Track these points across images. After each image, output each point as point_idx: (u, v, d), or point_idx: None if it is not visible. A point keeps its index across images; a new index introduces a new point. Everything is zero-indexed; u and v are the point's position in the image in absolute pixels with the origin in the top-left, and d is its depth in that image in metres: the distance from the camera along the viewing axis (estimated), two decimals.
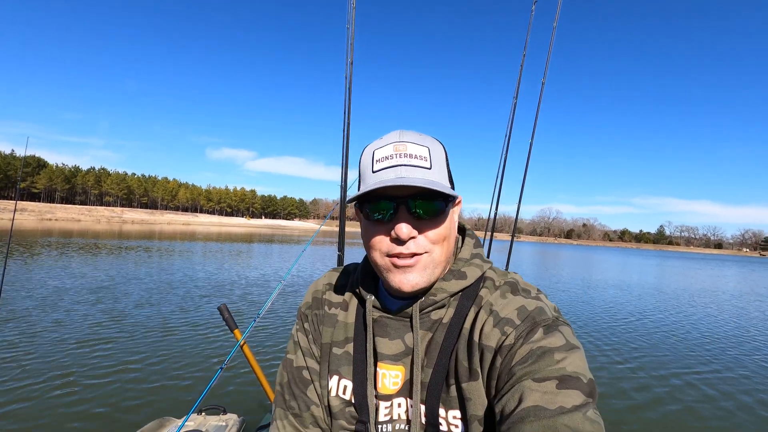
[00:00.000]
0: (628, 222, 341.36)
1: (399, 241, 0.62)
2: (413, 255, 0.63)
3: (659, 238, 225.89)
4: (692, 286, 17.78)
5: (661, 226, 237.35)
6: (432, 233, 0.63)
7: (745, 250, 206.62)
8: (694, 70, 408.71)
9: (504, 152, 2.76)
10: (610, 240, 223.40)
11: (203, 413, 2.67)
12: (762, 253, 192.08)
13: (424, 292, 0.67)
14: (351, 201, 0.67)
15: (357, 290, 0.76)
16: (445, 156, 0.68)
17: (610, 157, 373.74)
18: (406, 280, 0.63)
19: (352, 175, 2.59)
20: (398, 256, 0.63)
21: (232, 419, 2.62)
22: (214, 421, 2.58)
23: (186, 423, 2.52)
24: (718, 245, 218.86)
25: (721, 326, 8.70)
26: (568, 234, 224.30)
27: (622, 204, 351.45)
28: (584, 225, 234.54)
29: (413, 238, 0.63)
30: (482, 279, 0.69)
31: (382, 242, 0.64)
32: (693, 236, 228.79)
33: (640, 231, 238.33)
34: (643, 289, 15.02)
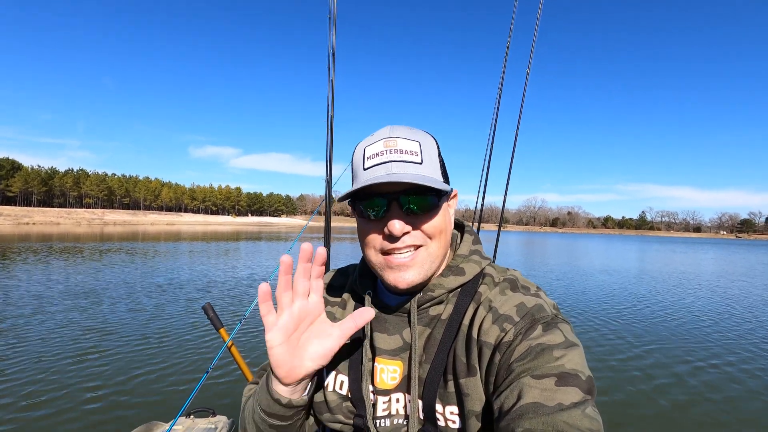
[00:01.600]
0: (611, 209, 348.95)
1: (392, 238, 0.62)
2: (409, 247, 0.63)
3: (641, 224, 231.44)
4: (679, 270, 18.18)
5: (643, 212, 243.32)
6: (427, 227, 0.63)
7: (722, 232, 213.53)
8: (674, 58, 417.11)
9: (490, 143, 2.75)
10: (594, 227, 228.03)
11: (192, 416, 2.62)
12: (738, 235, 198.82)
13: (422, 287, 0.67)
14: (343, 199, 0.66)
15: (355, 288, 0.76)
16: (437, 149, 0.67)
17: (593, 145, 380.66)
18: (402, 278, 0.63)
19: (337, 170, 2.55)
20: (393, 252, 0.63)
21: (221, 421, 2.58)
22: (203, 424, 2.53)
23: (174, 427, 2.46)
24: (697, 229, 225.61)
25: (715, 308, 8.83)
26: (554, 222, 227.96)
27: (605, 191, 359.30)
28: (569, 213, 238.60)
29: (407, 233, 0.62)
30: (481, 275, 0.69)
31: (376, 239, 0.64)
32: (673, 221, 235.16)
33: (623, 217, 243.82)
34: (634, 275, 15.24)
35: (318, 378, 0.74)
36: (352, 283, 0.78)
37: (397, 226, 0.61)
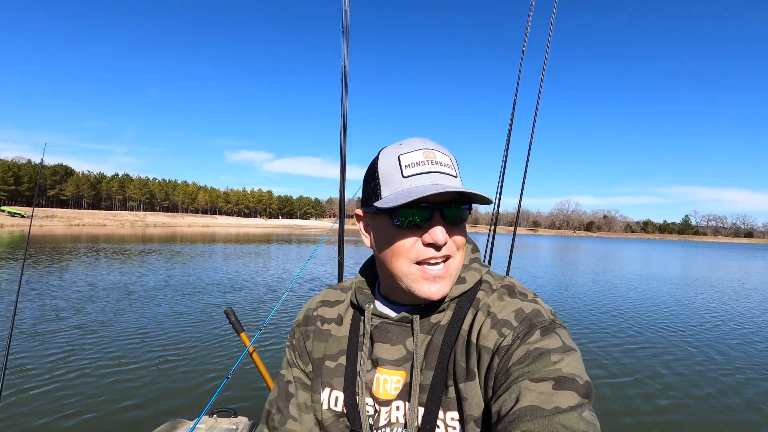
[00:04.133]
0: (651, 212, 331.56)
1: (435, 247, 0.63)
2: (445, 257, 0.64)
3: (685, 228, 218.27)
4: (750, 279, 16.69)
5: (687, 216, 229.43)
6: (458, 239, 0.66)
7: None
8: (717, 52, 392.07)
9: (506, 149, 2.71)
10: (632, 231, 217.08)
11: (215, 416, 2.72)
12: None
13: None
14: (396, 208, 0.62)
15: (354, 301, 0.76)
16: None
17: (631, 145, 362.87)
18: (436, 289, 0.64)
19: (350, 174, 2.58)
20: (427, 262, 0.64)
21: (242, 422, 2.66)
22: (224, 423, 2.62)
23: (197, 426, 2.57)
24: (749, 234, 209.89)
25: None
26: (588, 226, 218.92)
27: (644, 194, 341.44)
28: (605, 217, 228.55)
29: (445, 243, 0.64)
30: (480, 282, 0.70)
31: (411, 249, 0.64)
32: (721, 225, 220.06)
33: (664, 221, 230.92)
34: (689, 283, 14.12)
35: (314, 396, 0.74)
36: (351, 296, 0.78)
37: (440, 234, 0.62)
